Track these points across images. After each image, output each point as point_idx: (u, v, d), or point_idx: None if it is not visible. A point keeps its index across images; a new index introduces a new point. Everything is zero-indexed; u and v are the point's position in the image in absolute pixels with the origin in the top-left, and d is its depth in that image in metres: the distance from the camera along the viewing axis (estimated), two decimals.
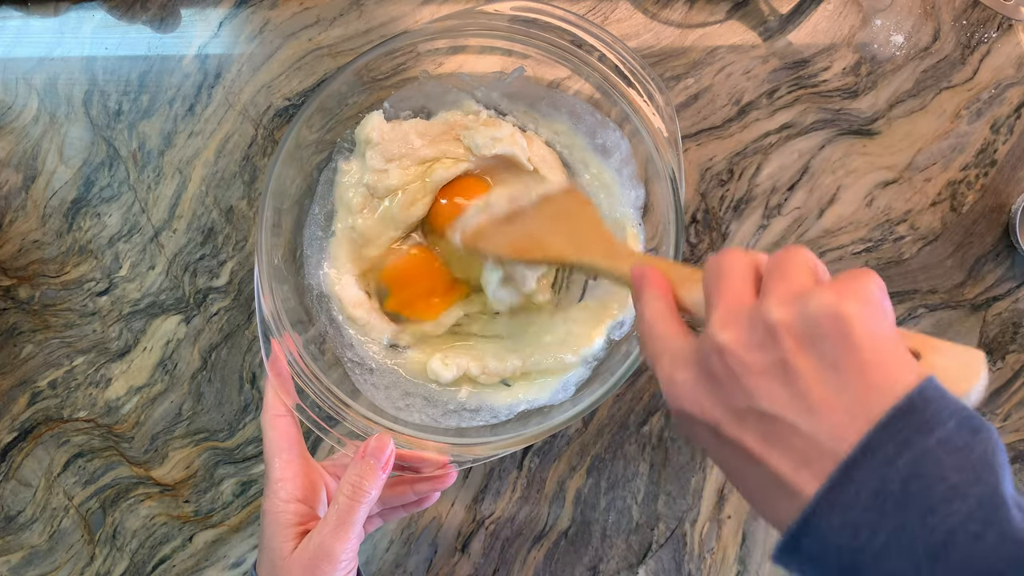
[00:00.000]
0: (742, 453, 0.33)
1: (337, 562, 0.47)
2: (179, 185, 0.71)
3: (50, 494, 0.71)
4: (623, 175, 0.62)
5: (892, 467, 0.28)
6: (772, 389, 0.31)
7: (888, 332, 0.31)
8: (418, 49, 0.64)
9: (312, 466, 0.52)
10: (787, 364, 0.31)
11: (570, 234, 0.52)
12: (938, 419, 0.29)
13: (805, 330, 0.31)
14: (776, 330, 0.32)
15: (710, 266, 0.37)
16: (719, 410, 0.33)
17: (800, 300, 0.32)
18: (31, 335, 0.72)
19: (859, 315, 0.31)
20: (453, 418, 0.61)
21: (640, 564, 0.67)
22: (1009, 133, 0.68)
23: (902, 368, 0.30)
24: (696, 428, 0.35)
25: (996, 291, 0.67)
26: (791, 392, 0.31)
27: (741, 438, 0.32)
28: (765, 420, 0.32)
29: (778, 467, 0.31)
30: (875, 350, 0.30)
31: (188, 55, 0.72)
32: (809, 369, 0.31)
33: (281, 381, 0.53)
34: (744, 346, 0.33)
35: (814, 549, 0.30)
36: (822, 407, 0.30)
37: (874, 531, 0.28)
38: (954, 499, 0.27)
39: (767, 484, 0.32)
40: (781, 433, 0.31)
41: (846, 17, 0.69)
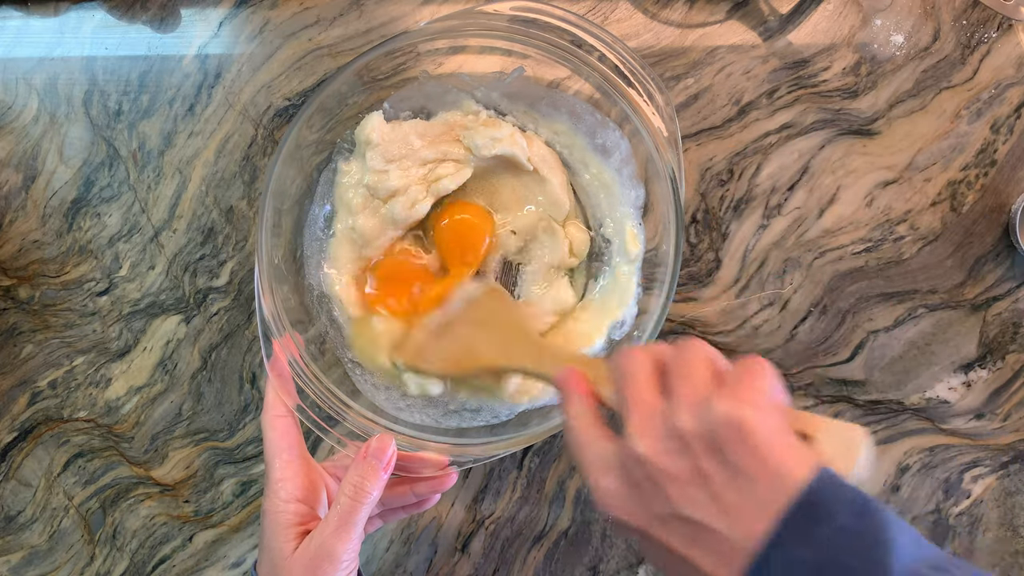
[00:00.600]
0: (670, 554, 0.36)
1: (339, 562, 0.47)
2: (179, 185, 0.71)
3: (50, 494, 0.71)
4: (623, 175, 0.62)
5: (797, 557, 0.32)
6: (690, 495, 0.35)
7: (780, 428, 0.35)
8: (418, 49, 0.64)
9: (312, 467, 0.52)
10: (700, 471, 0.35)
11: (499, 341, 0.55)
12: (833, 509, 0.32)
13: (710, 437, 0.35)
14: (686, 438, 0.35)
15: (615, 369, 0.40)
16: (645, 517, 0.37)
17: (702, 407, 0.36)
18: (31, 335, 0.72)
19: (753, 419, 0.34)
20: (454, 418, 0.61)
21: (640, 564, 0.67)
22: (1009, 133, 0.68)
23: (797, 462, 0.34)
24: (627, 531, 0.38)
25: (996, 291, 0.67)
26: (706, 496, 0.35)
27: (668, 541, 0.36)
28: (687, 524, 0.35)
29: (701, 564, 0.35)
30: (770, 449, 0.34)
31: (188, 55, 0.72)
32: (718, 475, 0.35)
33: (282, 382, 0.53)
34: (660, 455, 0.36)
35: None
36: (735, 510, 0.34)
37: None
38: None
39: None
40: (701, 534, 0.35)
41: (846, 17, 0.69)
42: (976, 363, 0.67)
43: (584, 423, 0.42)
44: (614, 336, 0.62)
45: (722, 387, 0.36)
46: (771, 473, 0.34)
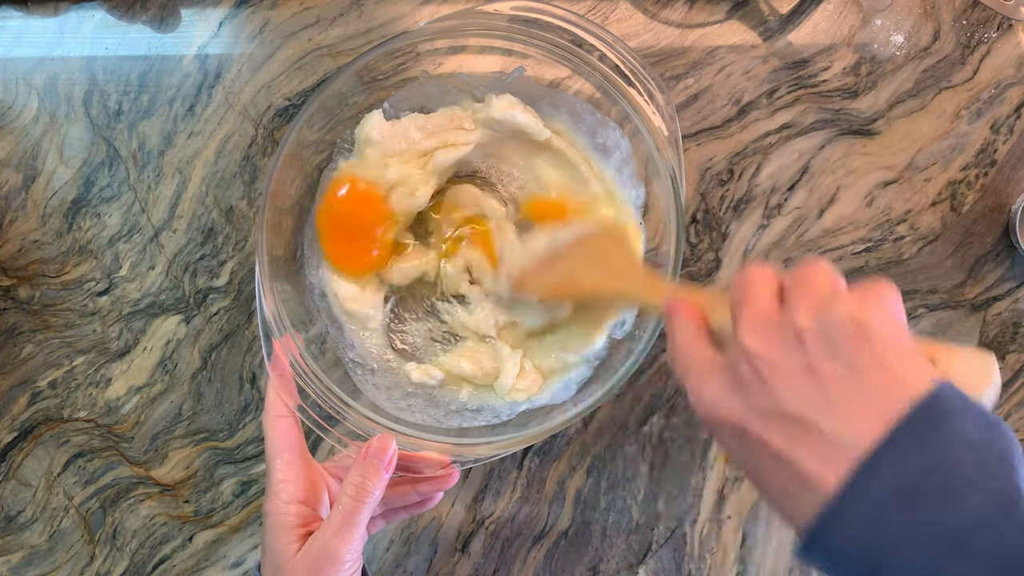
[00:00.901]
0: (767, 453, 0.34)
1: (341, 563, 0.47)
2: (179, 185, 0.71)
3: (50, 494, 0.71)
4: (623, 174, 0.62)
5: (911, 463, 0.30)
6: (798, 391, 0.33)
7: (905, 338, 0.33)
8: (418, 49, 0.64)
9: (313, 467, 0.52)
10: (812, 368, 0.33)
11: (607, 271, 0.54)
12: (955, 418, 0.30)
13: (828, 336, 0.33)
14: (802, 336, 0.34)
15: (736, 283, 0.38)
16: (746, 412, 0.35)
17: (823, 309, 0.34)
18: (31, 335, 0.72)
19: (879, 322, 0.33)
20: (455, 418, 0.61)
21: (640, 564, 0.67)
22: (1009, 133, 0.68)
23: (920, 372, 0.32)
24: (723, 431, 0.37)
25: (996, 291, 0.67)
26: (815, 394, 0.33)
27: (767, 438, 0.34)
28: (790, 421, 0.33)
29: (802, 465, 0.32)
30: (894, 355, 0.32)
31: (188, 55, 0.72)
32: (832, 373, 0.33)
33: (283, 382, 0.53)
34: (771, 351, 0.35)
35: (836, 543, 0.31)
36: (845, 408, 0.32)
37: (894, 524, 0.29)
38: (972, 493, 0.29)
39: (790, 483, 0.33)
40: (805, 433, 0.33)
41: (846, 17, 0.69)
42: None
43: (691, 337, 0.40)
44: (615, 335, 0.62)
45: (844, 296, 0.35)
46: (891, 377, 0.32)
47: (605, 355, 0.62)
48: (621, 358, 0.58)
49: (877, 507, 0.30)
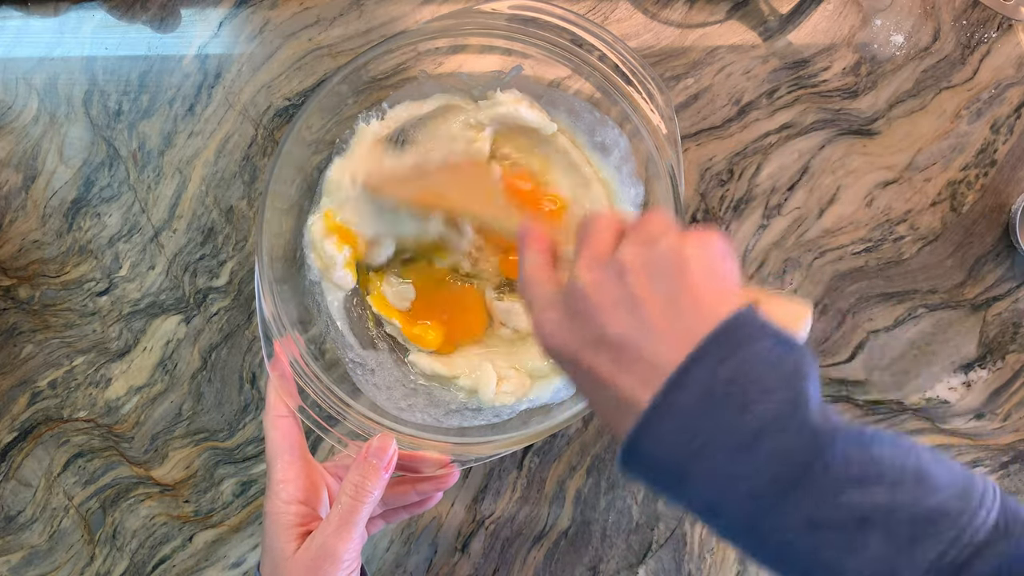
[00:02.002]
0: (597, 379, 0.37)
1: (340, 562, 0.47)
2: (179, 185, 0.71)
3: (50, 494, 0.71)
4: (622, 173, 0.62)
5: (714, 375, 0.33)
6: (620, 318, 0.36)
7: (720, 273, 0.37)
8: (417, 49, 0.64)
9: (313, 467, 0.52)
10: (633, 297, 0.36)
11: (468, 191, 0.56)
12: (755, 336, 0.34)
13: (650, 267, 0.37)
14: (626, 268, 0.37)
15: (581, 223, 0.42)
16: (578, 342, 0.38)
17: (648, 244, 0.37)
18: (31, 335, 0.72)
19: (696, 257, 0.36)
20: (455, 418, 0.61)
21: (640, 564, 0.67)
22: (1009, 133, 0.68)
23: (728, 299, 0.36)
24: (561, 360, 0.40)
25: (996, 291, 0.67)
26: (636, 321, 0.36)
27: (596, 366, 0.37)
28: (614, 348, 0.36)
29: (623, 387, 0.36)
30: (707, 286, 0.36)
31: (188, 55, 0.72)
32: (651, 301, 0.36)
33: (283, 382, 0.53)
34: (599, 284, 0.37)
35: (649, 454, 0.34)
36: (661, 334, 0.35)
37: (697, 431, 0.33)
38: (766, 399, 0.32)
39: (616, 405, 0.36)
40: (627, 358, 0.36)
41: (846, 17, 0.69)
42: (976, 363, 0.67)
43: (538, 266, 0.43)
44: None
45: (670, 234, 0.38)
46: (702, 303, 0.35)
47: None
48: None
49: (684, 416, 0.33)
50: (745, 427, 0.32)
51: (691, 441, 0.33)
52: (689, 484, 0.34)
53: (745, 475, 0.32)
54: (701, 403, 0.33)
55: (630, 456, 0.35)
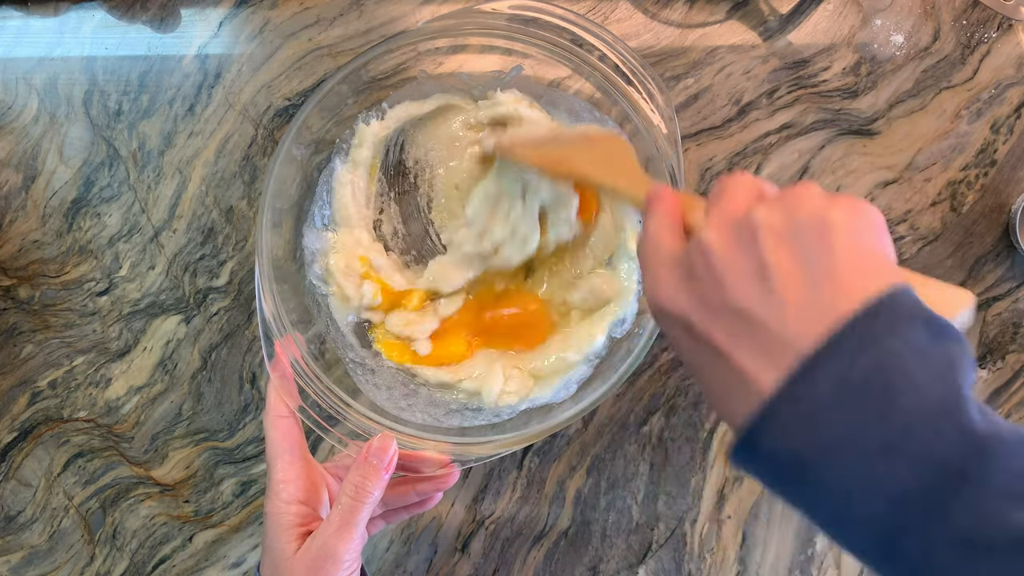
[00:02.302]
0: (710, 349, 0.33)
1: (340, 562, 0.47)
2: (179, 185, 0.71)
3: (50, 494, 0.71)
4: None
5: (854, 363, 0.28)
6: (745, 286, 0.32)
7: (870, 245, 0.32)
8: (418, 49, 0.64)
9: (314, 467, 0.52)
10: (764, 263, 0.32)
11: (599, 160, 0.53)
12: (906, 322, 0.29)
13: (787, 231, 0.32)
14: (759, 231, 0.33)
15: (718, 182, 0.37)
16: (693, 305, 0.34)
17: (791, 206, 0.33)
18: (31, 335, 0.72)
19: (843, 222, 0.32)
20: (455, 418, 0.61)
21: (640, 564, 0.67)
22: (1009, 133, 0.68)
23: (877, 276, 0.31)
24: (670, 325, 0.36)
25: (996, 291, 0.67)
26: (764, 290, 0.31)
27: (710, 333, 0.33)
28: (735, 316, 0.32)
29: (741, 362, 0.31)
30: (852, 257, 0.31)
31: (188, 55, 0.72)
32: (785, 269, 0.31)
33: (283, 382, 0.53)
34: (727, 244, 0.33)
35: (770, 445, 0.30)
36: (792, 306, 0.31)
37: (831, 426, 0.28)
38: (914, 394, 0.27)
39: (730, 381, 0.32)
40: (749, 329, 0.31)
41: (846, 17, 0.69)
42: (976, 363, 0.67)
43: (662, 228, 0.39)
44: (615, 334, 0.62)
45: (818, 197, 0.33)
46: (846, 277, 0.30)
47: (605, 354, 0.62)
48: (621, 357, 0.58)
49: (815, 408, 0.29)
50: (890, 426, 0.27)
51: (823, 437, 0.28)
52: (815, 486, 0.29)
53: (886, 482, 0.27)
54: (837, 393, 0.28)
55: (746, 447, 0.31)
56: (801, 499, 0.31)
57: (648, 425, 0.68)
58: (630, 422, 0.68)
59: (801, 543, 0.66)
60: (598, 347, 0.61)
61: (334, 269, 0.62)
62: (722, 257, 0.33)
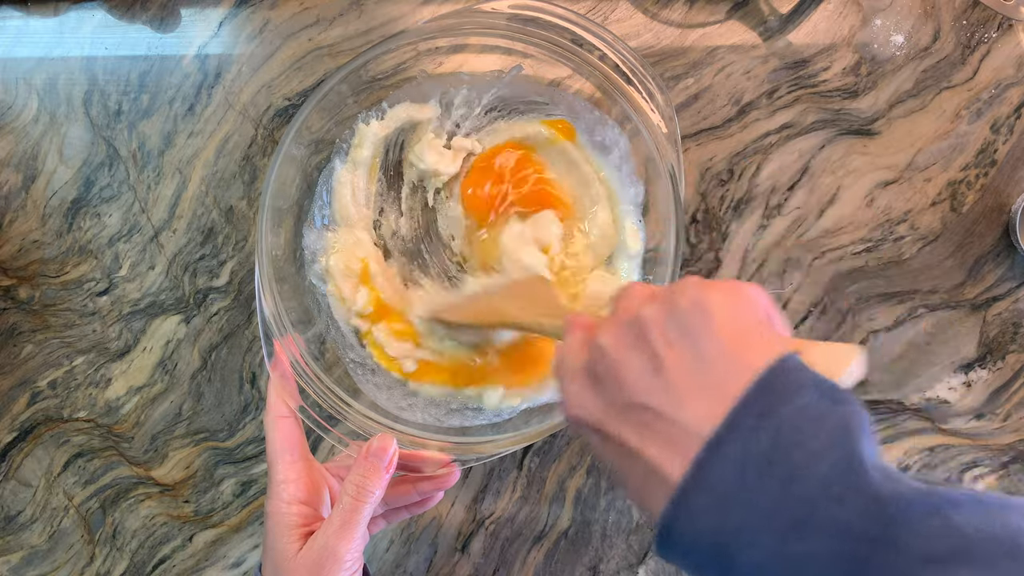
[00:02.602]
0: (623, 449, 0.34)
1: (342, 562, 0.47)
2: (179, 185, 0.71)
3: (50, 494, 0.71)
4: (622, 172, 0.62)
5: (753, 440, 0.29)
6: (642, 381, 0.33)
7: (751, 321, 0.33)
8: (417, 48, 0.64)
9: (315, 467, 0.52)
10: (656, 357, 0.33)
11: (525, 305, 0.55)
12: (796, 390, 0.30)
13: (672, 323, 0.34)
14: (647, 326, 0.34)
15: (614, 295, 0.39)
16: (602, 410, 0.35)
17: (673, 299, 0.34)
18: (31, 335, 0.72)
19: (721, 304, 0.33)
20: (456, 417, 0.61)
21: (640, 564, 0.67)
22: (1009, 133, 0.68)
23: (762, 349, 0.32)
24: (587, 433, 0.37)
25: (996, 291, 0.67)
26: (660, 381, 0.33)
27: (621, 433, 0.34)
28: (641, 413, 0.33)
29: (652, 457, 0.32)
30: (737, 336, 0.32)
31: (188, 55, 0.72)
32: (676, 360, 0.33)
33: (284, 382, 0.53)
34: (620, 345, 0.35)
35: (686, 534, 0.30)
36: (689, 395, 0.32)
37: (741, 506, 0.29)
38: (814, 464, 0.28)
39: (645, 476, 0.33)
40: (655, 423, 0.32)
41: (846, 17, 0.69)
42: (976, 363, 0.67)
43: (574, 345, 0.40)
44: None
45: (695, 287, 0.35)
46: (732, 356, 0.32)
47: None
48: None
49: (724, 490, 0.29)
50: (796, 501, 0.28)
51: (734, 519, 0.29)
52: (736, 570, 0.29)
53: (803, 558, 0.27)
54: (741, 474, 0.29)
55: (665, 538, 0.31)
56: None
57: None
58: None
59: None
60: None
61: (333, 269, 0.62)
62: (617, 356, 0.35)
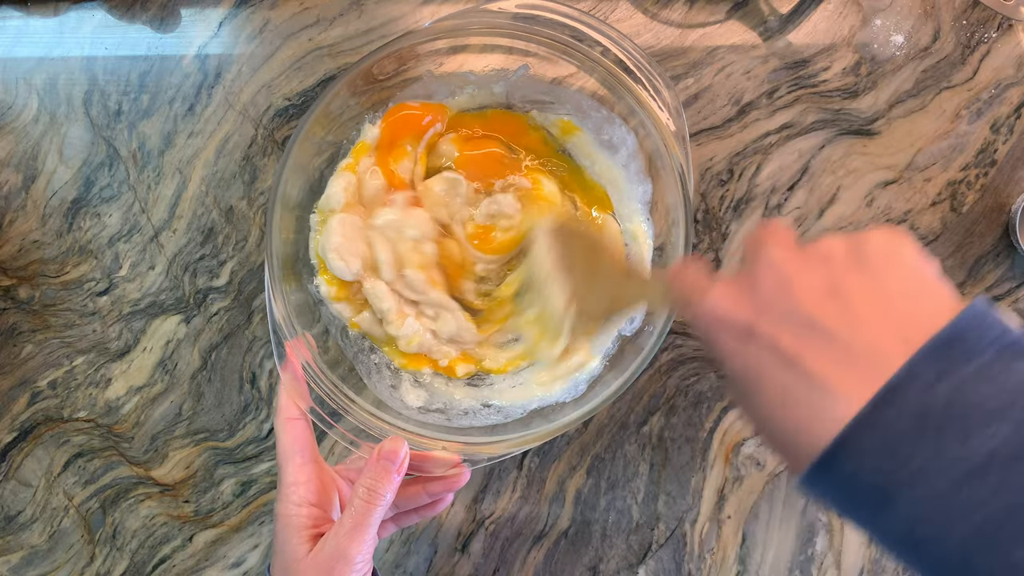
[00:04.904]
0: (775, 351, 0.32)
1: (352, 564, 0.47)
2: (179, 185, 0.71)
3: (50, 494, 0.71)
4: (630, 170, 0.62)
5: (932, 392, 0.28)
6: (819, 300, 0.32)
7: (935, 272, 0.32)
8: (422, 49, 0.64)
9: (325, 470, 0.52)
10: (837, 281, 0.32)
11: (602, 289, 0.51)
12: (978, 348, 0.29)
13: (859, 256, 0.32)
14: (831, 255, 0.33)
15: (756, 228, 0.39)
16: (758, 312, 0.33)
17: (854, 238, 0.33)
18: (31, 335, 0.72)
19: (911, 251, 0.33)
20: (464, 418, 0.61)
21: (640, 564, 0.67)
22: (1009, 133, 0.68)
23: (948, 299, 0.31)
24: (725, 332, 0.35)
25: (996, 291, 0.67)
26: (836, 305, 0.31)
27: (779, 337, 0.32)
28: (806, 326, 0.32)
29: (821, 372, 0.30)
30: (923, 281, 0.32)
31: (188, 55, 0.72)
32: (858, 289, 0.32)
33: (295, 384, 0.53)
34: (795, 263, 0.33)
35: (848, 469, 0.29)
36: (866, 323, 0.31)
37: (912, 453, 0.28)
38: (992, 423, 0.27)
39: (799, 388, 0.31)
40: (822, 339, 0.31)
41: (846, 17, 0.69)
42: None
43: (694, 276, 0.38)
44: (624, 332, 0.62)
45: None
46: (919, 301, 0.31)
47: (615, 352, 0.62)
48: (632, 355, 0.58)
49: (896, 435, 0.28)
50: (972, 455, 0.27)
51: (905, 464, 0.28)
52: (892, 511, 0.29)
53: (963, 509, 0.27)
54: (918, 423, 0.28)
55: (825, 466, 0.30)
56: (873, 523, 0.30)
57: (648, 425, 0.68)
58: (630, 422, 0.68)
59: (801, 543, 0.66)
60: (608, 346, 0.61)
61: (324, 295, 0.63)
62: (793, 273, 0.33)
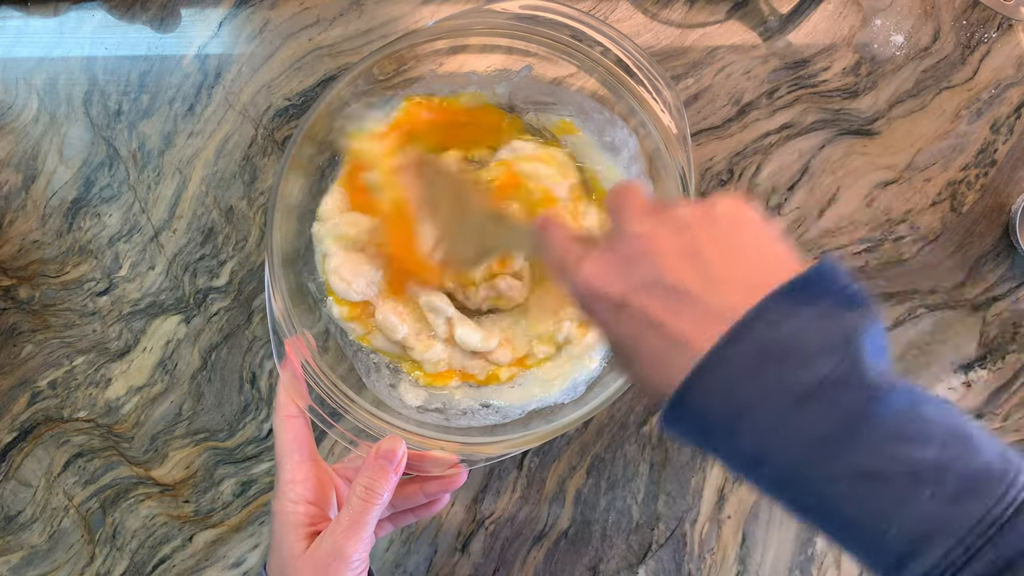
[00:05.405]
0: (645, 321, 0.36)
1: (349, 562, 0.47)
2: (179, 185, 0.71)
3: (50, 494, 0.71)
4: (631, 172, 0.62)
5: (775, 330, 0.32)
6: (680, 266, 0.36)
7: (778, 231, 0.37)
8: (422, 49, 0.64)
9: (323, 468, 0.52)
10: (696, 248, 0.36)
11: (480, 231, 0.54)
12: (821, 296, 0.33)
13: (713, 223, 0.37)
14: (686, 222, 0.37)
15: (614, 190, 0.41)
16: (628, 285, 0.37)
17: (704, 204, 0.38)
18: (31, 335, 0.72)
19: (755, 214, 0.37)
20: (463, 418, 0.61)
21: (640, 564, 0.67)
22: (1009, 133, 0.68)
23: (791, 255, 0.36)
24: (600, 305, 0.38)
25: (996, 291, 0.67)
26: (697, 270, 0.35)
27: (647, 306, 0.36)
28: (671, 292, 0.35)
29: (678, 328, 0.35)
30: (770, 239, 0.36)
31: (188, 55, 0.72)
32: (715, 253, 0.36)
33: (294, 382, 0.53)
34: (659, 232, 0.37)
35: (698, 402, 0.33)
36: (723, 283, 0.35)
37: (752, 384, 0.32)
38: (824, 356, 0.32)
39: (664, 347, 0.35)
40: (685, 303, 0.35)
41: (846, 17, 0.69)
42: (976, 363, 0.67)
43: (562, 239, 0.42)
44: None
45: None
46: (769, 259, 0.35)
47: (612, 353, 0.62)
48: None
49: (740, 369, 0.32)
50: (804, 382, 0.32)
51: (743, 393, 0.32)
52: (740, 435, 0.33)
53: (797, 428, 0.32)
54: (759, 357, 0.32)
55: (678, 405, 0.34)
56: (725, 450, 0.34)
57: (648, 425, 0.68)
58: (630, 422, 0.68)
59: (801, 543, 0.66)
60: (606, 348, 0.61)
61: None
62: (656, 241, 0.37)
